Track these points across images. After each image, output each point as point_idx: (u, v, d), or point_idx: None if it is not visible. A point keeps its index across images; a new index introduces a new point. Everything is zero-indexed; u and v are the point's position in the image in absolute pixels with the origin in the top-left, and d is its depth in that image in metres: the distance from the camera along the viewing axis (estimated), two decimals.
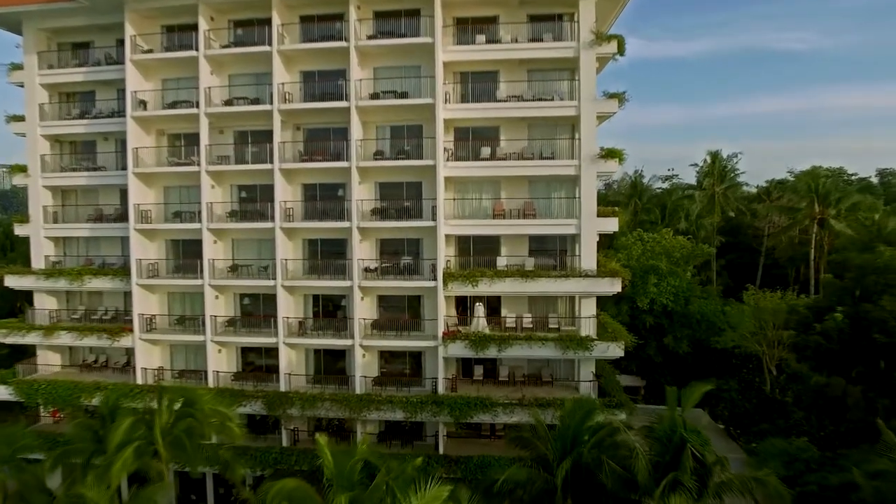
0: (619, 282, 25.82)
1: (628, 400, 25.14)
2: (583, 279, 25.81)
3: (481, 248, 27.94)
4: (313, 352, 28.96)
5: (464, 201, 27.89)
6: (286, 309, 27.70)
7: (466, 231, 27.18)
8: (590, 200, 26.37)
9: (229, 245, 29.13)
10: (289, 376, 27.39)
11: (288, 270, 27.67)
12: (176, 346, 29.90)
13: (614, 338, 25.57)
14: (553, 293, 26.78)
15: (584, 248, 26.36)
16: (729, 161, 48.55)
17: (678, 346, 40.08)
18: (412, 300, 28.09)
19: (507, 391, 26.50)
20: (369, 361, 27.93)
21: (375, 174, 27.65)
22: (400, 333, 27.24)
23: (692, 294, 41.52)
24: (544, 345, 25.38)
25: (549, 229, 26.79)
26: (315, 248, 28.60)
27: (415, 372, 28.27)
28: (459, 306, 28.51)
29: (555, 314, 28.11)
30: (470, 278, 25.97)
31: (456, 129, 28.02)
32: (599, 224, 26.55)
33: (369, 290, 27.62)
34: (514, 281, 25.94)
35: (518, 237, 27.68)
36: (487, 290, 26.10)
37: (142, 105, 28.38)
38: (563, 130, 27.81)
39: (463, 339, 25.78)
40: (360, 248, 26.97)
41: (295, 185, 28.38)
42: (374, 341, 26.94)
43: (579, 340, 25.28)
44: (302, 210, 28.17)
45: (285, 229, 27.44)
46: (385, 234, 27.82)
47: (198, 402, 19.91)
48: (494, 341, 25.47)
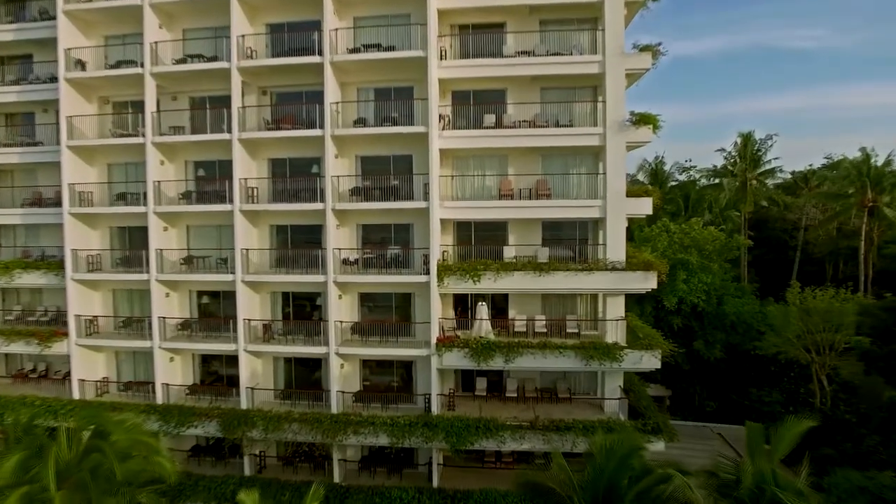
0: (654, 276, 20.94)
1: (668, 423, 20.24)
2: (610, 273, 20.94)
3: (485, 236, 23.15)
4: (283, 361, 24.25)
5: (463, 179, 23.11)
6: (249, 309, 23.00)
7: (467, 215, 22.37)
8: (617, 177, 21.49)
9: (184, 233, 24.44)
10: (251, 391, 22.67)
11: (251, 263, 22.97)
12: (124, 353, 25.26)
13: (648, 345, 20.69)
14: (573, 290, 21.91)
15: (611, 234, 21.48)
16: (762, 144, 43.56)
17: (710, 352, 35.15)
18: (401, 299, 23.31)
19: (517, 410, 21.69)
20: (349, 373, 23.17)
21: (356, 145, 22.88)
22: (386, 339, 22.47)
23: (725, 292, 36.54)
24: (562, 354, 20.53)
25: (566, 212, 21.91)
26: (285, 236, 23.88)
27: (404, 386, 23.49)
28: (458, 306, 23.75)
29: (573, 316, 23.27)
30: (471, 272, 21.16)
31: (454, 94, 23.23)
32: (629, 205, 21.67)
33: (348, 286, 22.87)
34: (525, 275, 21.10)
35: (529, 222, 22.85)
36: (492, 286, 21.29)
37: (79, 66, 23.74)
38: (584, 93, 22.94)
39: (462, 347, 20.99)
40: (336, 235, 22.21)
41: (260, 159, 23.66)
42: (354, 349, 22.18)
43: (606, 349, 20.41)
44: (269, 190, 23.45)
45: (247, 213, 22.73)
46: (368, 218, 23.05)
47: (111, 429, 15.18)
48: (501, 350, 20.66)
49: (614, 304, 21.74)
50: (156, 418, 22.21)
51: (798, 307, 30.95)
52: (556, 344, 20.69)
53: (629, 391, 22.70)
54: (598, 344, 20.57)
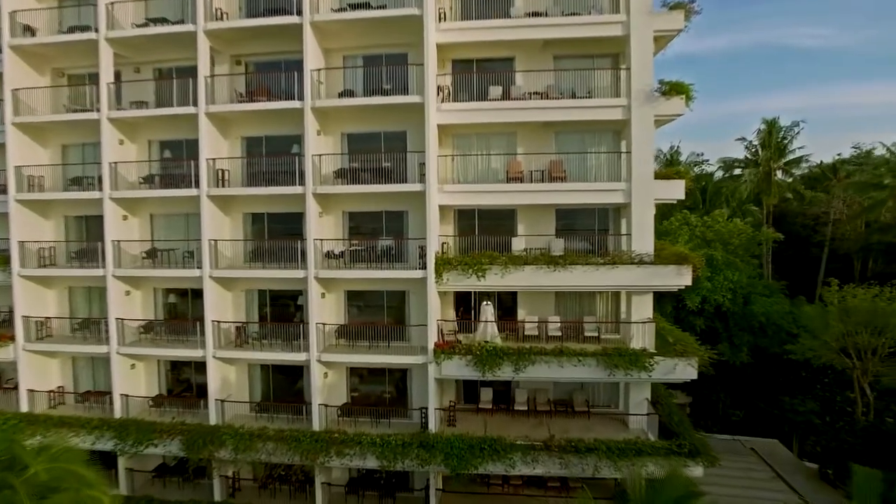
0: (688, 271, 17.90)
1: (706, 445, 17.18)
2: (636, 267, 17.91)
3: (490, 226, 20.16)
4: (260, 369, 21.27)
5: (466, 160, 20.12)
6: (219, 309, 20.04)
7: (469, 200, 19.36)
8: (644, 156, 18.46)
9: (147, 223, 21.48)
10: (221, 404, 19.70)
11: (223, 257, 20.02)
12: (84, 360, 22.31)
13: (682, 352, 17.67)
14: (592, 287, 18.87)
15: (637, 223, 18.45)
16: (788, 131, 40.42)
17: (735, 356, 32.05)
18: (394, 298, 20.31)
19: (527, 426, 18.71)
20: (334, 383, 20.19)
21: (341, 120, 19.88)
22: (376, 344, 19.46)
23: (752, 291, 33.44)
24: (581, 362, 17.50)
25: (584, 197, 18.88)
26: (261, 226, 20.89)
27: (398, 397, 20.50)
28: (460, 306, 20.79)
29: (592, 317, 20.26)
30: (474, 266, 18.17)
31: (454, 63, 20.27)
32: (657, 189, 18.64)
33: (333, 283, 19.89)
34: (537, 270, 18.09)
35: (541, 210, 19.86)
36: (499, 283, 18.28)
37: (28, 32, 20.80)
38: (603, 60, 19.94)
39: (464, 354, 17.98)
40: (318, 224, 19.22)
41: (233, 138, 20.70)
42: (339, 355, 19.18)
43: (633, 356, 17.38)
44: (243, 172, 20.49)
45: (216, 198, 19.77)
46: (355, 204, 20.05)
47: (27, 460, 12.22)
48: (509, 357, 17.65)
49: (640, 303, 18.71)
50: (110, 436, 19.28)
51: (837, 307, 27.86)
52: (575, 350, 17.66)
53: (657, 403, 19.68)
54: (623, 350, 17.55)
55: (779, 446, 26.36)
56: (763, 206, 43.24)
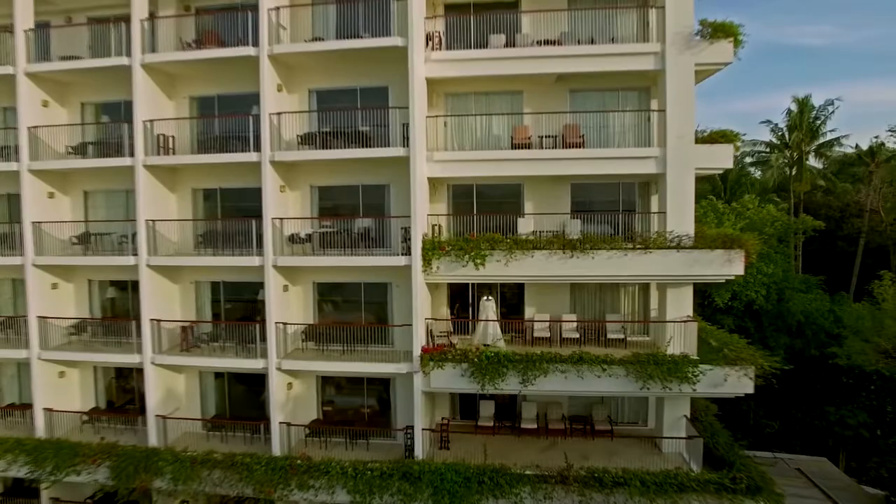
0: (740, 258, 14.23)
1: (768, 479, 13.49)
2: (675, 253, 14.25)
3: (491, 203, 16.60)
4: (214, 378, 17.69)
5: (461, 124, 16.52)
6: (163, 305, 16.50)
7: (466, 172, 15.73)
8: (683, 115, 14.81)
9: (80, 201, 17.94)
10: (163, 420, 16.15)
11: (167, 242, 16.47)
12: (10, 365, 18.79)
13: (735, 359, 14.00)
14: (619, 278, 15.15)
15: (674, 198, 14.83)
16: (821, 111, 36.58)
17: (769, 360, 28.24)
18: (374, 292, 16.69)
19: (537, 449, 15.13)
20: (302, 396, 16.62)
21: (309, 74, 16.28)
22: (352, 349, 15.87)
23: (788, 286, 29.73)
24: (607, 372, 13.86)
25: (607, 166, 15.23)
26: (214, 205, 17.33)
27: (380, 413, 16.89)
28: (456, 303, 17.19)
29: (616, 315, 16.63)
30: (471, 252, 14.56)
31: (447, 7, 16.69)
32: (699, 156, 14.98)
33: (299, 273, 16.33)
34: (550, 257, 14.47)
35: (553, 184, 16.28)
36: (502, 273, 14.67)
37: None
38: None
39: (458, 361, 14.35)
40: (279, 200, 15.66)
41: (180, 98, 17.12)
42: (305, 362, 15.55)
43: (672, 364, 13.72)
44: (191, 139, 16.92)
45: (157, 169, 16.22)
46: (326, 175, 16.44)
47: None
48: (515, 365, 14.01)
49: (678, 298, 15.02)
50: (24, 460, 15.74)
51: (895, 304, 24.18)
52: (598, 357, 14.00)
53: (695, 420, 16.03)
54: (659, 357, 13.87)
55: (828, 465, 22.67)
56: (790, 195, 39.44)
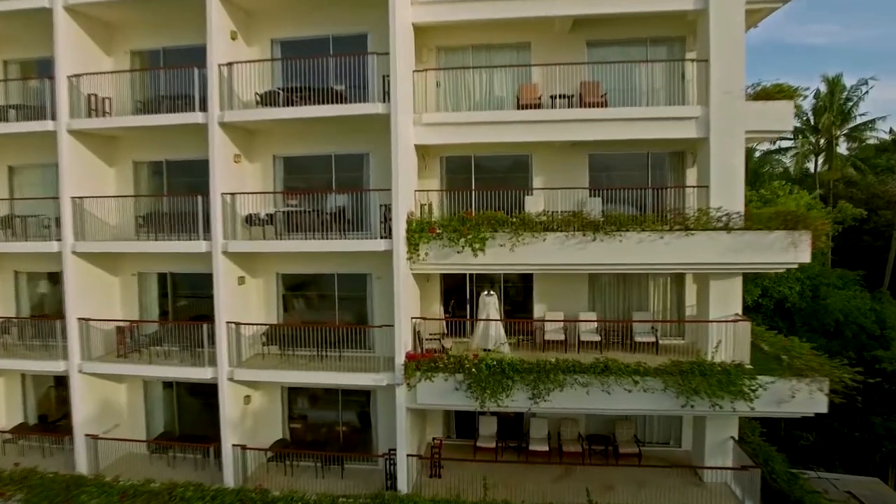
0: (805, 241, 11.31)
1: None
2: (725, 235, 11.34)
3: (493, 179, 13.76)
4: (162, 389, 14.83)
5: (457, 82, 13.67)
6: (96, 302, 13.65)
7: (462, 137, 12.77)
8: (731, 64, 11.90)
9: (3, 177, 15.10)
10: (94, 441, 13.30)
11: (102, 225, 13.60)
12: None
13: (803, 369, 11.05)
14: (651, 267, 12.16)
15: (720, 167, 11.92)
16: (853, 92, 33.55)
17: None
18: (351, 285, 13.77)
19: (549, 478, 12.25)
20: (264, 412, 13.76)
21: (271, 20, 13.37)
22: (323, 355, 12.97)
23: (823, 281, 26.78)
24: (639, 385, 10.93)
25: (635, 129, 12.29)
26: (159, 181, 14.45)
27: (358, 432, 14.00)
28: (451, 298, 14.31)
29: (644, 313, 13.72)
30: (468, 235, 11.66)
31: None
32: (751, 117, 12.03)
33: (259, 262, 13.48)
34: (567, 241, 11.58)
35: (568, 154, 13.40)
36: (506, 261, 11.77)
37: None
38: None
39: (451, 371, 11.43)
40: (232, 172, 12.78)
41: (120, 52, 14.24)
42: (264, 371, 12.64)
43: (723, 375, 10.76)
44: (132, 100, 14.04)
45: (85, 136, 13.36)
46: (290, 143, 13.55)
47: None
48: (523, 376, 11.08)
49: (723, 292, 12.09)
50: None
51: None
52: (628, 366, 11.07)
53: (742, 441, 13.12)
54: (706, 366, 10.93)
55: (883, 487, 19.69)
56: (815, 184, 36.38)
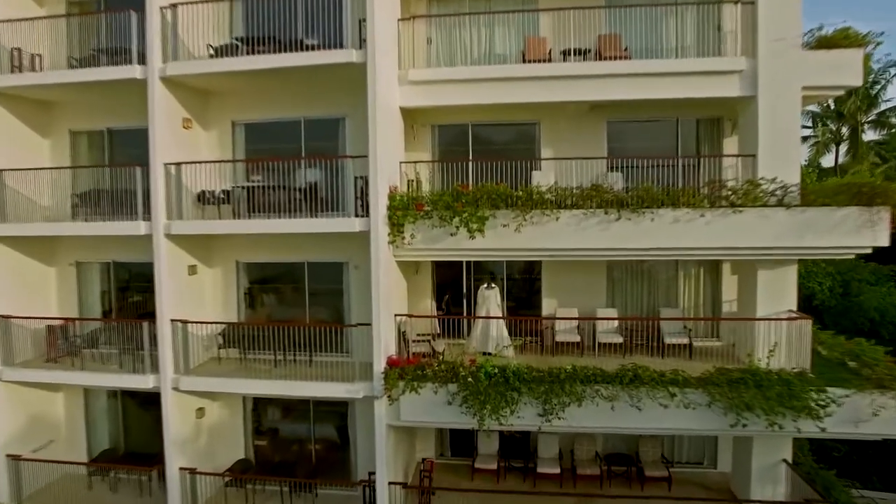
0: (885, 220, 9.11)
1: None
2: (782, 212, 9.17)
3: (492, 150, 11.56)
4: (107, 399, 12.62)
5: (450, 36, 11.43)
6: (23, 296, 11.48)
7: (456, 98, 10.57)
8: (783, 8, 9.71)
9: None
10: (13, 462, 11.13)
11: (34, 206, 11.43)
12: None
13: (883, 379, 8.83)
14: (688, 252, 9.92)
15: (770, 132, 9.76)
16: (881, 74, 31.17)
17: None
18: (324, 276, 11.57)
19: None
20: (222, 426, 11.58)
21: None
22: (291, 359, 10.79)
23: (855, 276, 24.52)
24: (678, 398, 8.74)
25: (664, 87, 10.10)
26: (101, 154, 12.25)
27: (335, 450, 11.82)
28: (446, 293, 12.14)
29: (673, 310, 11.52)
30: (464, 213, 9.48)
31: None
32: (810, 69, 9.82)
33: (214, 248, 11.33)
34: (585, 220, 9.42)
35: (583, 119, 11.24)
36: (510, 246, 9.62)
37: None
38: None
39: (442, 380, 9.21)
40: (179, 139, 10.59)
41: (53, 1, 12.09)
42: (215, 380, 10.44)
43: (783, 387, 8.54)
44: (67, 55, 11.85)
45: (6, 98, 11.20)
46: (252, 107, 11.37)
47: None
48: (533, 388, 8.87)
49: (774, 284, 9.88)
50: None
51: None
52: (663, 376, 8.86)
53: (797, 464, 10.92)
54: (761, 375, 8.71)
55: None
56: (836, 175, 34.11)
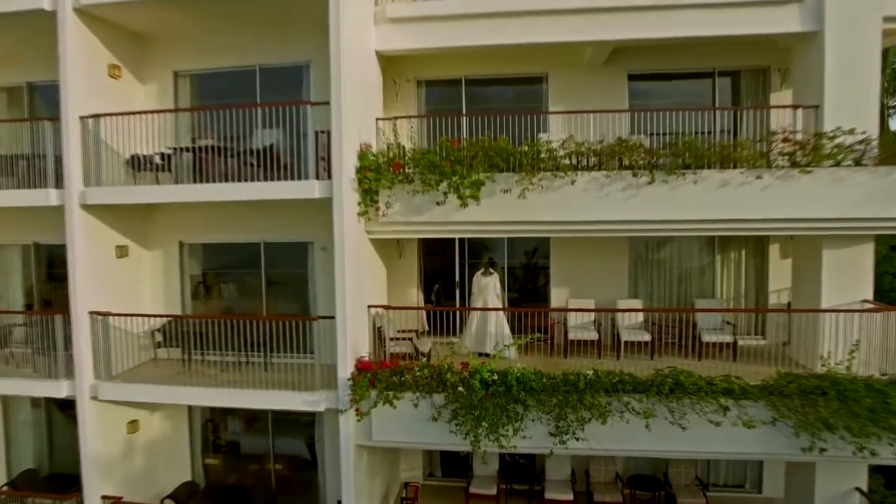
0: None
1: None
2: (862, 173, 7.14)
3: (487, 109, 9.52)
4: (31, 409, 10.60)
5: None
6: None
7: (444, 39, 8.49)
8: None
9: None
10: None
11: None
12: None
13: None
14: (737, 227, 7.80)
15: (838, 77, 7.72)
16: None
17: None
18: (284, 260, 9.55)
19: None
20: (163, 442, 9.56)
21: None
22: (244, 363, 8.75)
23: None
24: (734, 415, 6.67)
25: (704, 22, 8.07)
26: (19, 110, 10.23)
27: (300, 472, 9.79)
28: (437, 283, 10.14)
29: (709, 301, 9.48)
30: (454, 175, 7.45)
31: None
32: None
33: (150, 225, 9.31)
34: (606, 185, 7.40)
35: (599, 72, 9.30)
36: (511, 217, 7.61)
37: None
38: None
39: (426, 389, 7.18)
40: (95, 90, 8.57)
41: None
42: (144, 387, 8.39)
43: (876, 397, 6.52)
44: None
45: None
46: (197, 52, 9.32)
47: None
48: (543, 400, 6.83)
49: (843, 266, 7.85)
50: None
51: None
52: (712, 384, 6.81)
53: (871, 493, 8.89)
54: (845, 384, 6.66)
55: None
56: None
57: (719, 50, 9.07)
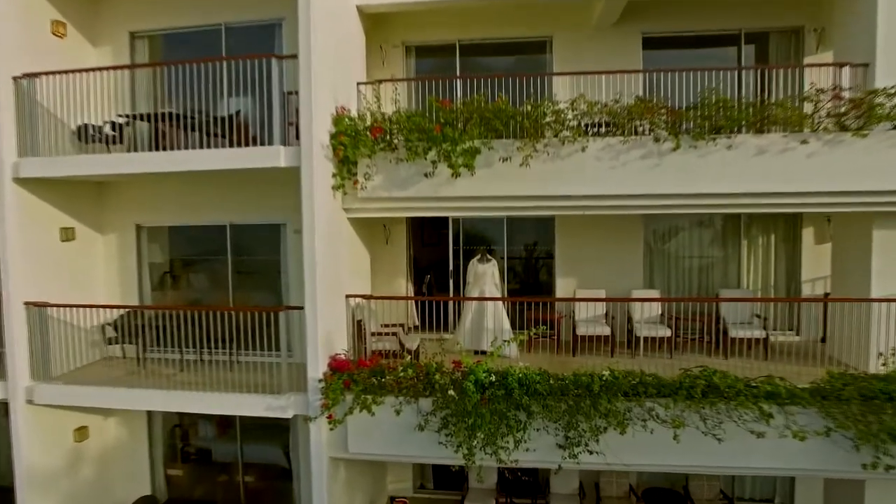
0: None
1: None
2: None
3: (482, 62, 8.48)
4: None
5: None
6: None
7: None
8: None
9: None
10: None
11: None
12: None
13: None
14: (780, 203, 6.71)
15: (889, 29, 6.60)
16: None
17: None
18: (255, 244, 8.48)
19: None
20: (118, 451, 8.47)
21: None
22: (207, 361, 7.68)
23: None
24: (779, 423, 5.58)
25: None
26: None
27: (273, 484, 8.70)
28: (427, 273, 9.07)
29: (732, 291, 8.38)
30: (442, 144, 6.35)
31: None
32: None
33: (100, 205, 8.21)
34: (622, 152, 6.30)
35: (610, 33, 8.23)
36: (510, 192, 6.53)
37: None
38: None
39: (410, 392, 6.10)
40: (33, 48, 7.50)
41: None
42: (87, 390, 7.30)
43: None
44: None
45: None
46: (154, 10, 8.27)
47: None
48: (548, 404, 5.74)
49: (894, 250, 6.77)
50: None
51: None
52: (752, 387, 5.71)
53: None
54: None
55: None
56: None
57: (746, 8, 8.02)
